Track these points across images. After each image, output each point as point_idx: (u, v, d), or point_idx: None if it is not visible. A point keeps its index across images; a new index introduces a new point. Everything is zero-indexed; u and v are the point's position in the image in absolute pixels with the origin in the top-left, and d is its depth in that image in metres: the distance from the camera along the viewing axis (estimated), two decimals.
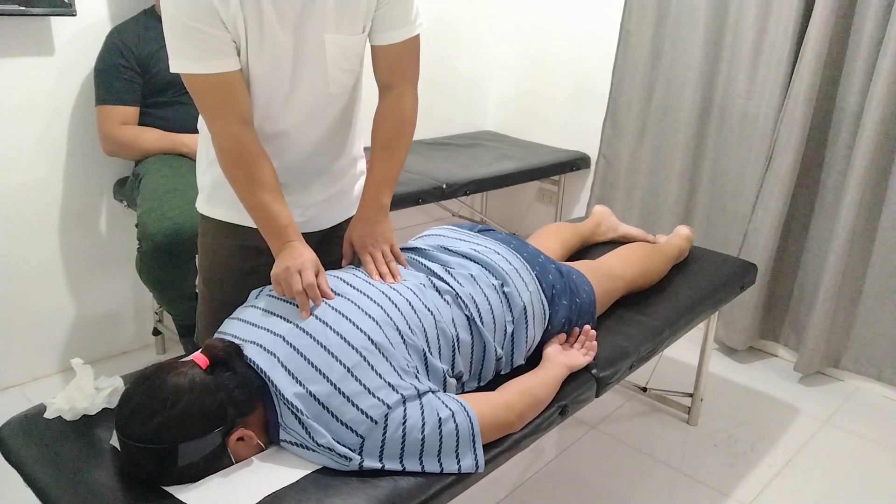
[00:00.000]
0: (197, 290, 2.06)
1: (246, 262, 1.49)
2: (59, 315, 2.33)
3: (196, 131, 2.11)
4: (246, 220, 1.45)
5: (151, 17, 2.11)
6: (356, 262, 1.48)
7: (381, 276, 1.35)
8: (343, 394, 1.12)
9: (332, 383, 1.12)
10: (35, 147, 2.14)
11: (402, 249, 1.53)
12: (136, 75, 2.07)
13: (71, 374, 2.35)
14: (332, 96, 1.39)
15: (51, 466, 1.13)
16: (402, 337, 1.23)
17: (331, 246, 1.59)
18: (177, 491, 1.06)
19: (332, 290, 1.27)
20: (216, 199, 1.48)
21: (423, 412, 1.15)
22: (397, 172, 1.47)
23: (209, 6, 1.19)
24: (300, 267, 1.26)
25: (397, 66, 1.43)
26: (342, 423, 1.11)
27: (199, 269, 1.57)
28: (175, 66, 1.26)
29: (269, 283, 1.44)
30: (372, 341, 1.18)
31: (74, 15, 2.02)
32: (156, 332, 2.52)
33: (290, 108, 1.37)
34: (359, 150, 1.58)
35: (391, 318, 1.24)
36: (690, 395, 2.23)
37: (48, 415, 1.23)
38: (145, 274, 1.95)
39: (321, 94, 1.37)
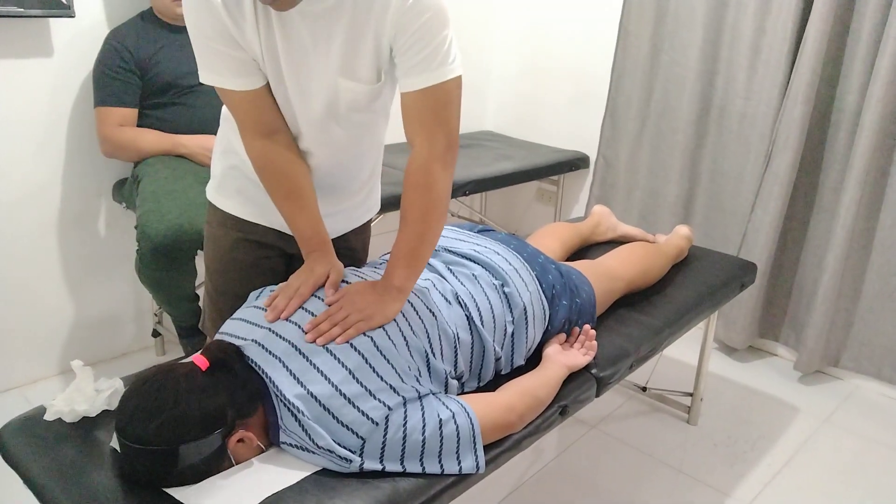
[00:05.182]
0: (197, 291, 2.07)
1: (248, 254, 1.49)
2: (58, 317, 2.33)
3: (195, 132, 2.13)
4: (249, 215, 1.46)
5: (149, 20, 2.11)
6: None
7: (315, 328, 1.19)
8: (344, 395, 1.12)
9: (333, 385, 1.12)
10: (34, 149, 2.13)
11: None
12: (135, 77, 2.07)
13: (71, 375, 2.34)
14: (339, 130, 1.33)
15: (50, 468, 1.12)
16: (404, 339, 1.23)
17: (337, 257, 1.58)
18: (177, 493, 1.06)
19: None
20: (224, 190, 1.48)
21: (423, 414, 1.15)
22: (416, 250, 1.28)
23: (224, 30, 1.18)
24: (300, 284, 1.28)
25: (415, 119, 1.25)
26: (343, 424, 1.11)
27: (204, 258, 1.57)
28: (203, 78, 1.26)
29: (270, 279, 1.44)
30: (374, 343, 1.18)
31: (73, 16, 2.02)
32: (155, 334, 2.52)
33: (297, 134, 1.35)
34: (375, 170, 1.53)
35: (395, 321, 1.24)
36: (690, 395, 2.23)
37: (48, 417, 1.23)
38: (144, 275, 1.95)
39: (325, 130, 1.32)
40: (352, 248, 1.58)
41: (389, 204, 2.36)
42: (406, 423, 1.13)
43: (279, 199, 1.35)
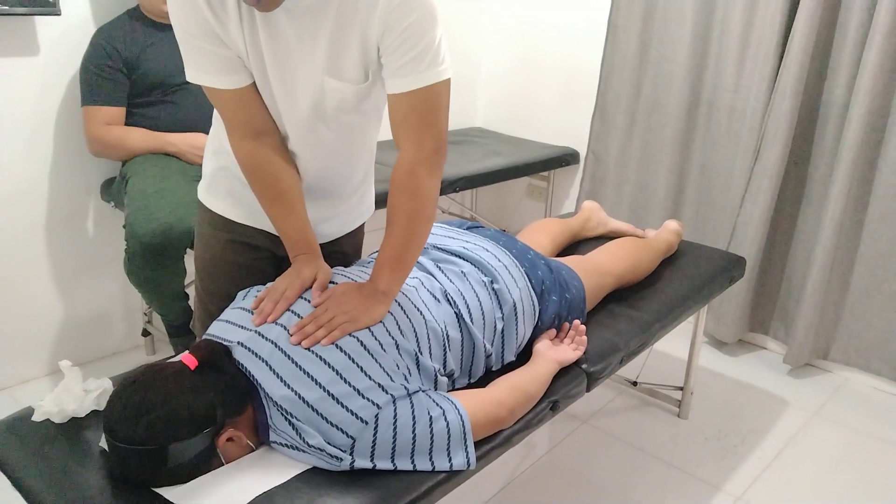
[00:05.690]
0: (186, 290, 2.06)
1: (238, 256, 1.48)
2: (47, 317, 2.32)
3: (183, 130, 2.12)
4: (239, 217, 1.45)
5: (136, 18, 2.09)
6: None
7: (300, 330, 1.18)
8: (332, 396, 1.11)
9: (321, 386, 1.12)
10: (21, 149, 2.12)
11: None
12: (123, 76, 2.06)
13: (59, 376, 2.33)
14: (326, 132, 1.31)
15: (39, 469, 1.12)
16: (392, 338, 1.22)
17: (328, 260, 1.58)
18: (167, 492, 1.05)
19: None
20: (214, 191, 1.47)
21: (413, 411, 1.15)
22: (402, 255, 1.26)
23: (208, 28, 1.17)
24: (286, 287, 1.27)
25: (402, 121, 1.23)
26: (332, 424, 1.10)
27: (194, 259, 1.57)
28: (189, 76, 1.24)
29: (260, 281, 1.44)
30: (361, 343, 1.18)
31: (59, 14, 2.00)
32: (145, 333, 2.51)
33: (284, 135, 1.33)
34: (368, 174, 1.52)
35: (382, 322, 1.24)
36: (681, 389, 2.24)
37: (36, 417, 1.22)
38: (133, 275, 1.94)
39: (313, 131, 1.31)
40: (343, 253, 1.57)
41: (381, 201, 2.37)
42: (396, 420, 1.13)
43: (267, 202, 1.34)
